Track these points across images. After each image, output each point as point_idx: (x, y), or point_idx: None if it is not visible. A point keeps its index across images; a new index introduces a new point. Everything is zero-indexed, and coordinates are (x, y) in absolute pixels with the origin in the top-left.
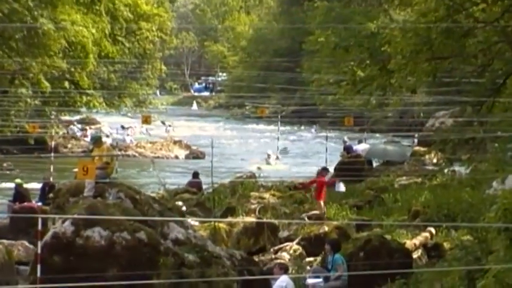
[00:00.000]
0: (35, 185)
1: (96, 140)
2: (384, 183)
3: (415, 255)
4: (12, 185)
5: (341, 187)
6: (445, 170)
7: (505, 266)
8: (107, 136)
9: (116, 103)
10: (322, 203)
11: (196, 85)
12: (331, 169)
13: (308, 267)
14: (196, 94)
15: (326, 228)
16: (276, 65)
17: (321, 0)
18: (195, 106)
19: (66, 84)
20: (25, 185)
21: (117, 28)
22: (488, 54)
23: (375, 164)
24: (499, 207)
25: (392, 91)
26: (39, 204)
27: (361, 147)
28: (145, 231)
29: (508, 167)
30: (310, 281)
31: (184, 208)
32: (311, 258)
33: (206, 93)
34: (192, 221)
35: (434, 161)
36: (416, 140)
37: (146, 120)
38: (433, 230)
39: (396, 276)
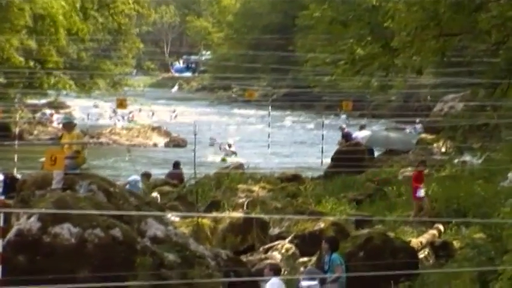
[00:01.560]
0: None
1: (69, 124)
2: (387, 175)
3: (421, 255)
4: None
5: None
6: (455, 160)
7: None
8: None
9: (88, 85)
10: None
11: (177, 65)
12: (328, 159)
13: (302, 268)
14: (177, 75)
15: (322, 225)
16: (266, 42)
17: None
18: (176, 88)
19: (31, 63)
20: None
21: (88, 1)
22: (503, 30)
23: (376, 153)
24: None
25: (396, 72)
26: (1, 197)
27: (361, 135)
28: (121, 227)
29: None
30: (304, 283)
31: (158, 199)
32: (305, 258)
33: (188, 74)
34: (173, 217)
35: (443, 149)
36: (418, 127)
37: (121, 104)
38: (441, 227)
39: (400, 278)
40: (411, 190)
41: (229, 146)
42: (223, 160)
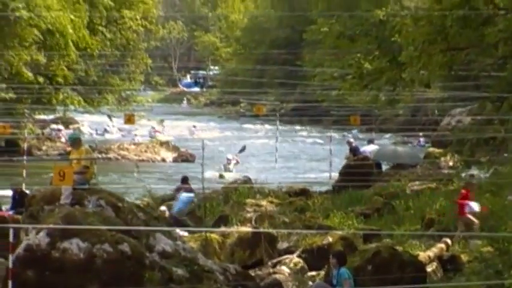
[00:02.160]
0: (6, 192)
1: (75, 141)
2: (395, 189)
3: (429, 269)
4: None
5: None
6: (463, 174)
7: None
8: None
9: (96, 100)
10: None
11: (186, 80)
12: (336, 174)
13: (310, 283)
14: (185, 90)
15: (330, 239)
16: (273, 57)
17: None
18: (185, 103)
19: (41, 79)
20: None
21: (96, 17)
22: (510, 44)
23: (384, 168)
24: None
25: (404, 86)
26: (10, 213)
27: (369, 149)
28: (129, 242)
29: None
30: None
31: (167, 213)
32: (313, 273)
33: (196, 89)
34: (181, 232)
35: (451, 163)
36: (422, 140)
37: (129, 120)
38: (449, 241)
39: None
40: (455, 207)
41: (229, 161)
42: (221, 177)
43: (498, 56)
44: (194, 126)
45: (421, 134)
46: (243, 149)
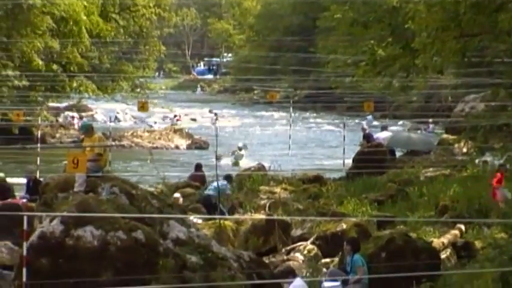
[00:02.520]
0: (20, 180)
1: (87, 129)
2: (408, 176)
3: (443, 256)
4: None
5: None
6: (476, 160)
7: None
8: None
9: (110, 87)
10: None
11: (199, 67)
12: (350, 160)
13: (324, 270)
14: (199, 77)
15: (344, 226)
16: (287, 44)
17: None
18: (199, 90)
19: (55, 66)
20: (8, 179)
21: (109, 4)
22: None
23: (398, 154)
24: None
25: (417, 72)
26: (24, 200)
27: (382, 136)
28: (143, 230)
29: None
30: (326, 284)
31: (181, 200)
32: (327, 260)
33: (210, 76)
34: (195, 219)
35: (464, 150)
36: (430, 126)
37: (143, 107)
38: (463, 227)
39: (422, 278)
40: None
41: (240, 149)
42: (236, 164)
43: (511, 42)
44: (215, 114)
45: (430, 120)
46: (244, 146)
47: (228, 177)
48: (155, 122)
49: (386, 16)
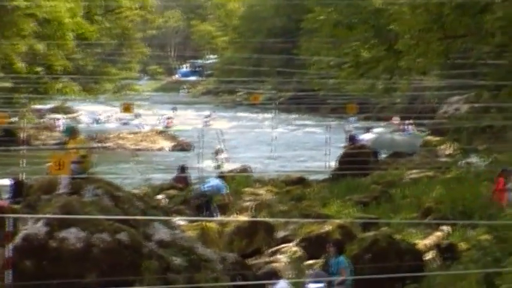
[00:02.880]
0: (4, 181)
1: (71, 131)
2: (392, 177)
3: (427, 257)
4: None
5: None
6: (460, 162)
7: None
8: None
9: (94, 89)
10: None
11: (183, 69)
12: (333, 163)
13: (308, 271)
14: (182, 79)
15: (328, 228)
16: (271, 46)
17: None
18: (183, 92)
19: (38, 68)
20: None
21: (93, 6)
22: (508, 32)
23: (381, 156)
24: None
25: (401, 74)
26: (6, 202)
27: (366, 137)
28: (127, 231)
29: None
30: (311, 286)
31: (164, 201)
32: (312, 261)
33: (193, 78)
34: (179, 221)
35: (448, 151)
36: (410, 128)
37: (127, 109)
38: (447, 229)
39: (406, 280)
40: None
41: (216, 153)
42: (218, 167)
43: (495, 44)
44: (208, 116)
45: (407, 121)
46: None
47: (221, 178)
48: (144, 125)
49: (370, 18)
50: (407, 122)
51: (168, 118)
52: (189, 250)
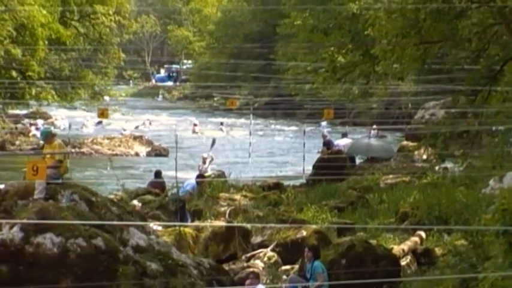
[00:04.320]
0: None
1: (47, 136)
2: (368, 183)
3: (403, 262)
4: None
5: None
6: (436, 167)
7: (503, 274)
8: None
9: (70, 95)
10: None
11: (159, 74)
12: (310, 167)
13: (284, 276)
14: (158, 84)
15: (304, 233)
16: (247, 51)
17: None
18: (160, 97)
19: (14, 73)
20: None
21: (68, 12)
22: (484, 38)
23: (358, 161)
24: (497, 208)
25: (377, 79)
26: None
27: (342, 142)
28: (103, 237)
29: (506, 163)
30: None
31: (138, 207)
32: (287, 266)
33: (170, 83)
34: (155, 226)
35: (424, 157)
36: (373, 133)
37: (103, 114)
38: (423, 234)
39: (382, 285)
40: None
41: (204, 160)
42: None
43: (471, 49)
44: (195, 125)
45: (374, 126)
46: (213, 143)
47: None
48: (124, 130)
49: (346, 23)
50: (374, 126)
51: (148, 120)
52: (165, 255)
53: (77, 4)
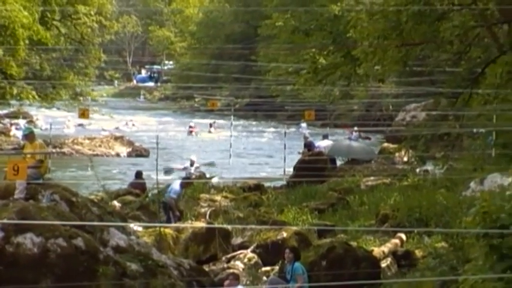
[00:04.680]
0: None
1: (28, 135)
2: (349, 184)
3: (383, 264)
4: None
5: None
6: (417, 170)
7: (483, 276)
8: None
9: (51, 95)
10: None
11: (140, 75)
12: (290, 168)
13: (264, 278)
14: (140, 84)
15: (284, 235)
16: (228, 52)
17: None
18: (142, 98)
19: None
20: None
21: (49, 12)
22: (465, 40)
23: (338, 163)
24: (478, 211)
25: (358, 81)
26: None
27: (323, 144)
28: (83, 237)
29: (487, 165)
30: None
31: (117, 207)
32: (268, 268)
33: (151, 84)
34: (135, 226)
35: (405, 159)
36: (354, 135)
37: (84, 114)
38: (403, 236)
39: (363, 287)
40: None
41: (192, 163)
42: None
43: (453, 51)
44: (191, 127)
45: (355, 128)
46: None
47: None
48: (103, 130)
49: (327, 24)
50: (355, 128)
51: (131, 121)
52: (145, 256)
53: (58, 4)
